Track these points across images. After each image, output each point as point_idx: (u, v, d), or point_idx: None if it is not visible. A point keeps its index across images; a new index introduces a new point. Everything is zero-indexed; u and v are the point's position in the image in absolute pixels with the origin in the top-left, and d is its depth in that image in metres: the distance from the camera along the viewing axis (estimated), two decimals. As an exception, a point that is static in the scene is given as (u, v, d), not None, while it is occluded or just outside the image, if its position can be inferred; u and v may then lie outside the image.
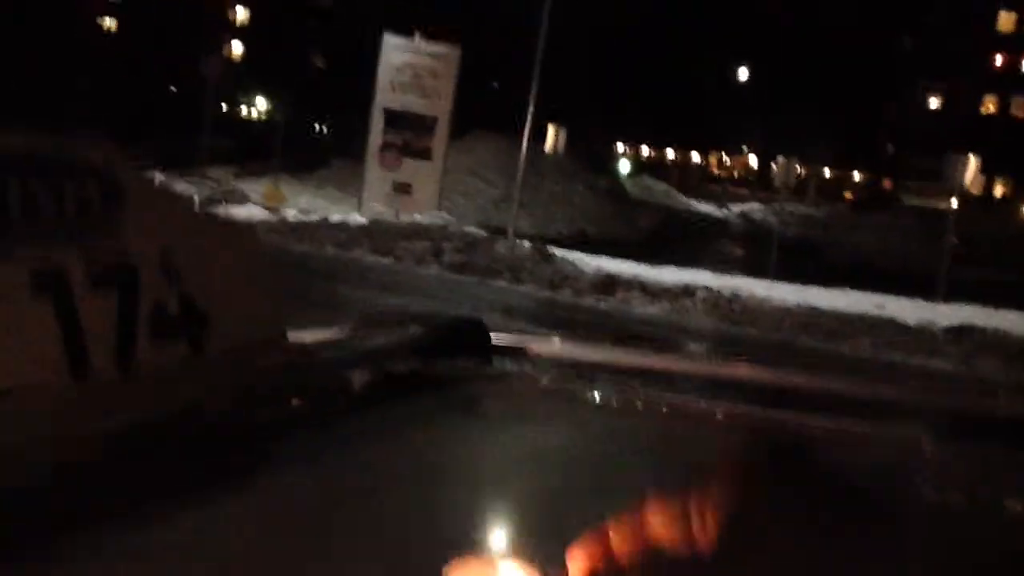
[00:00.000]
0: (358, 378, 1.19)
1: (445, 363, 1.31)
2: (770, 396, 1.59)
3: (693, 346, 9.18)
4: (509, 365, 1.43)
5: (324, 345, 1.13)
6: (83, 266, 0.84)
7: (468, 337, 1.31)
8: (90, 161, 0.88)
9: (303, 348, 1.10)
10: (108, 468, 0.79)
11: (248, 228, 1.11)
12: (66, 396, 0.80)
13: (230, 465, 0.88)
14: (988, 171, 41.46)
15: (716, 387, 1.65)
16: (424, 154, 13.95)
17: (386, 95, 13.87)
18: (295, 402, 1.12)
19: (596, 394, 1.36)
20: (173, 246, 0.94)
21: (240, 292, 1.04)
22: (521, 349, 1.39)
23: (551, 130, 14.12)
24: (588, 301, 10.78)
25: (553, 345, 1.54)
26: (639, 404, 1.38)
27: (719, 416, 1.34)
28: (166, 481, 0.80)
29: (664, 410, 1.37)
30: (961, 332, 9.68)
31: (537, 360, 1.44)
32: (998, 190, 49.85)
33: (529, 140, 13.96)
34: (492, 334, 1.38)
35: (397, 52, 13.97)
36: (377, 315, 1.39)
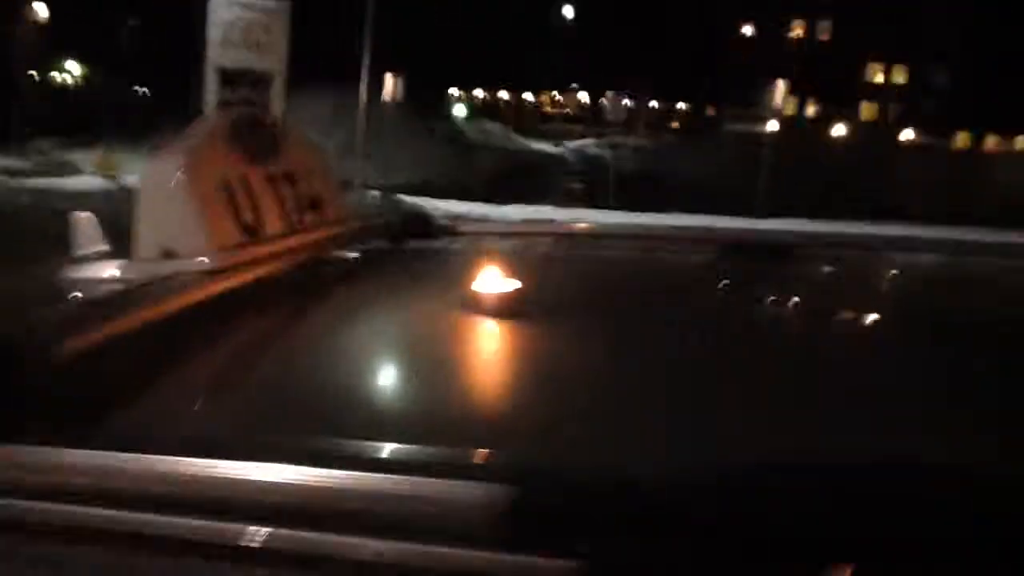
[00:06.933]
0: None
1: (404, 243, 2.01)
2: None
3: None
4: (450, 241, 2.10)
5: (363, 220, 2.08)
6: (263, 173, 1.73)
7: (418, 222, 2.10)
8: (267, 120, 1.93)
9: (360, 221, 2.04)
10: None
11: (323, 152, 2.09)
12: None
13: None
14: (799, 93, 44.17)
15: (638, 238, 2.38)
16: (263, 111, 13.83)
17: (218, 53, 13.58)
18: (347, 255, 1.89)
19: (513, 250, 1.96)
20: (307, 164, 1.87)
21: (328, 188, 1.94)
22: (457, 230, 2.12)
23: (389, 79, 14.29)
24: (441, 242, 11.17)
25: (487, 224, 2.39)
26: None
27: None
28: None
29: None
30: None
31: (472, 237, 2.17)
32: (810, 110, 53.07)
33: (367, 91, 14.08)
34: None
35: (225, 8, 13.67)
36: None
